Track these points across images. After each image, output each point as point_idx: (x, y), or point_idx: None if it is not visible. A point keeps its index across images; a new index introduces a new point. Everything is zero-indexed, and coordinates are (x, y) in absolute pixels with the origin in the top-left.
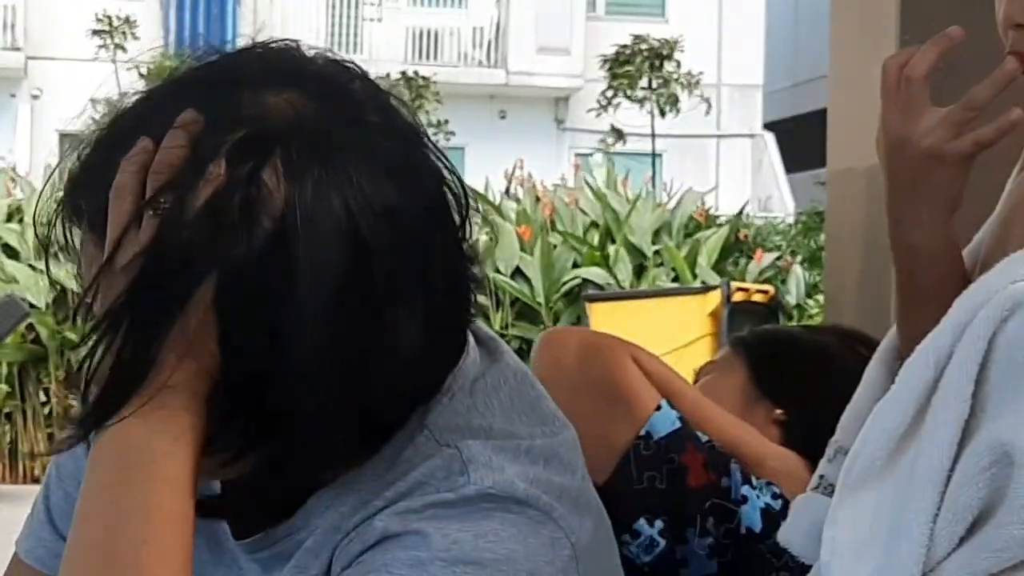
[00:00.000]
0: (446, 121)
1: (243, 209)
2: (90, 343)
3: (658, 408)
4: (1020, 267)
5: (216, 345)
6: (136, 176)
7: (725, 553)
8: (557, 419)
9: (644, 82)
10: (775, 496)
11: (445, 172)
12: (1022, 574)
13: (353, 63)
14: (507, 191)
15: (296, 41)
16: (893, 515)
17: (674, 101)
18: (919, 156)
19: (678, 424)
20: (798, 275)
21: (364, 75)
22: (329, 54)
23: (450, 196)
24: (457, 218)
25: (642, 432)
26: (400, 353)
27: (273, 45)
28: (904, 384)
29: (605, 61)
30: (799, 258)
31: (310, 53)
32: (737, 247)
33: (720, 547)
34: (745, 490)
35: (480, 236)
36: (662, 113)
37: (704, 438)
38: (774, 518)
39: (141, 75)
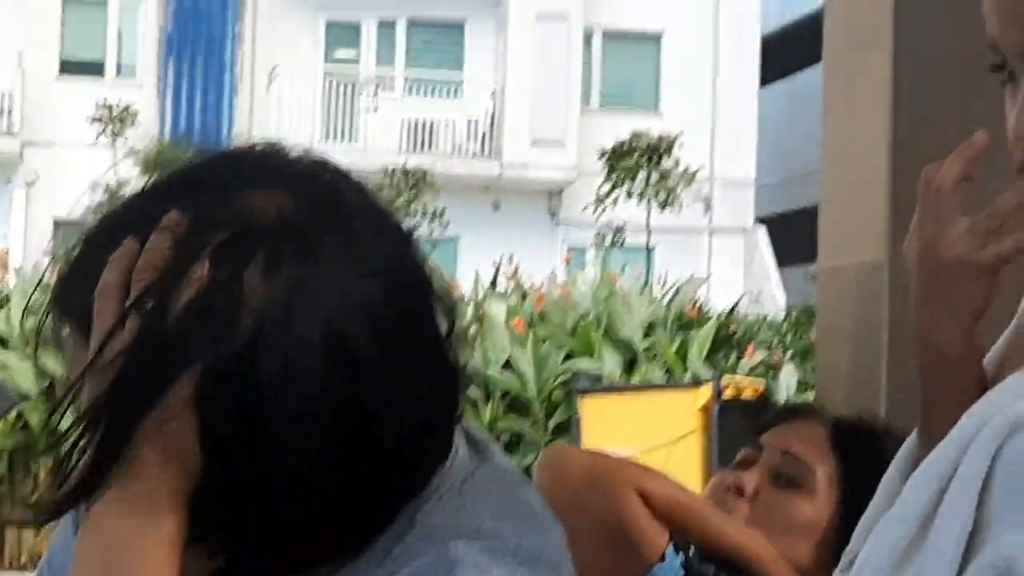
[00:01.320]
0: (443, 211)
1: (225, 310)
2: (73, 438)
3: (662, 559)
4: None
5: (197, 445)
6: (121, 276)
7: None
8: (546, 520)
9: (642, 176)
10: None
11: (431, 271)
12: None
13: (338, 165)
14: (494, 283)
15: (282, 142)
16: None
17: (673, 197)
18: (947, 265)
19: (682, 573)
20: (789, 371)
21: (350, 175)
22: (316, 154)
23: (435, 295)
24: (443, 316)
25: None
26: (385, 452)
27: (259, 146)
28: (909, 497)
29: (603, 155)
30: (790, 354)
31: (296, 153)
32: (728, 342)
33: None
34: None
35: (471, 328)
36: (661, 208)
37: None
38: None
39: (136, 164)
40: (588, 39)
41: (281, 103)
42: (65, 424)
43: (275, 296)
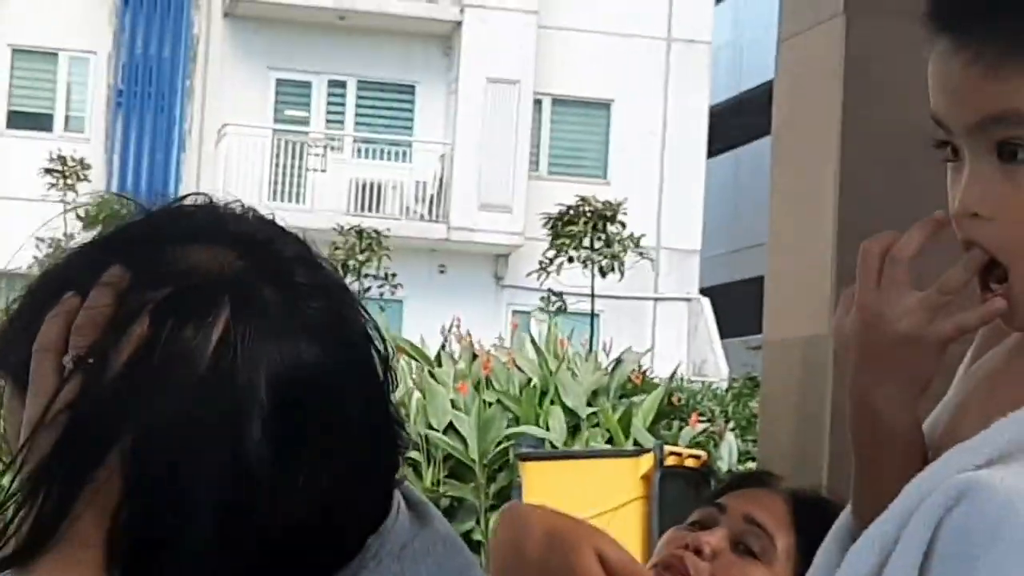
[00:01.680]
0: (394, 275)
1: (163, 367)
2: (13, 497)
3: None
4: (968, 457)
5: (125, 502)
6: (60, 332)
7: None
8: None
9: (587, 242)
10: None
11: (371, 330)
12: None
13: (281, 224)
14: (443, 347)
15: (226, 199)
16: None
17: (619, 263)
18: (896, 337)
19: None
20: (730, 441)
21: (292, 233)
22: (259, 212)
23: (375, 354)
24: (382, 376)
25: None
26: (321, 510)
27: (201, 202)
28: (849, 568)
29: (549, 220)
30: (732, 424)
31: (239, 210)
32: (671, 411)
33: None
34: None
35: (413, 393)
36: (603, 274)
37: None
38: None
39: (80, 218)
40: (538, 105)
41: (229, 161)
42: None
43: (216, 354)
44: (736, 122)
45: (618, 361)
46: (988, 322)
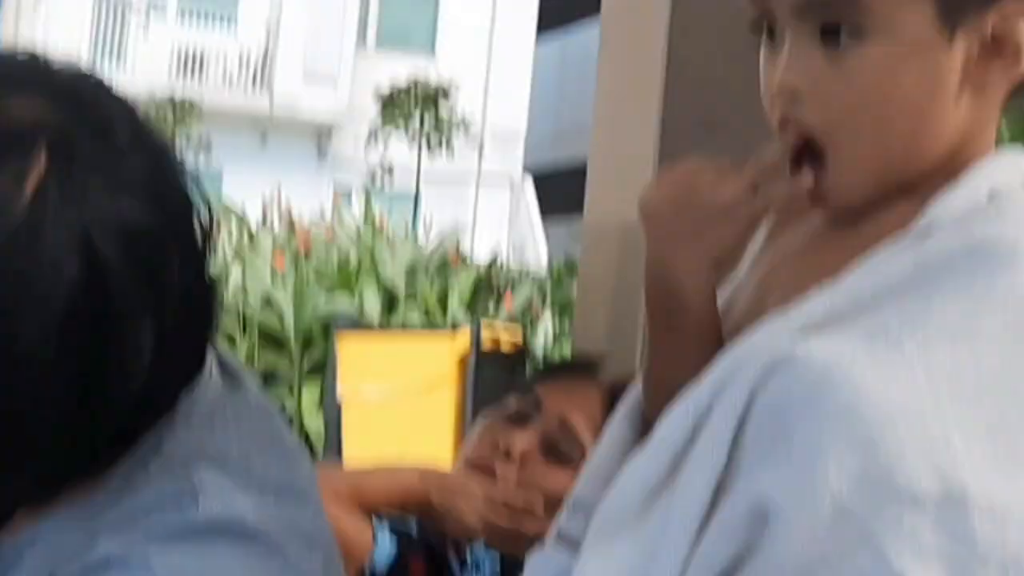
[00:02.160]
0: (208, 143)
1: None
2: None
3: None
4: (785, 326)
5: None
6: None
7: None
8: (295, 453)
9: (417, 122)
10: (498, 561)
11: (193, 194)
12: None
13: (102, 78)
14: (264, 219)
15: (46, 52)
16: (644, 565)
17: (446, 143)
18: (709, 208)
19: (395, 551)
20: (547, 323)
21: (113, 88)
22: (80, 65)
23: (196, 219)
24: (201, 241)
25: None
26: (131, 370)
27: (21, 53)
28: (661, 436)
29: (379, 97)
30: (550, 306)
31: (60, 63)
32: (489, 290)
33: None
34: (467, 572)
35: (232, 264)
36: (429, 148)
37: (420, 542)
38: None
39: None
40: None
41: (49, 19)
42: None
43: (31, 204)
44: (566, 2)
45: (439, 240)
46: (796, 196)
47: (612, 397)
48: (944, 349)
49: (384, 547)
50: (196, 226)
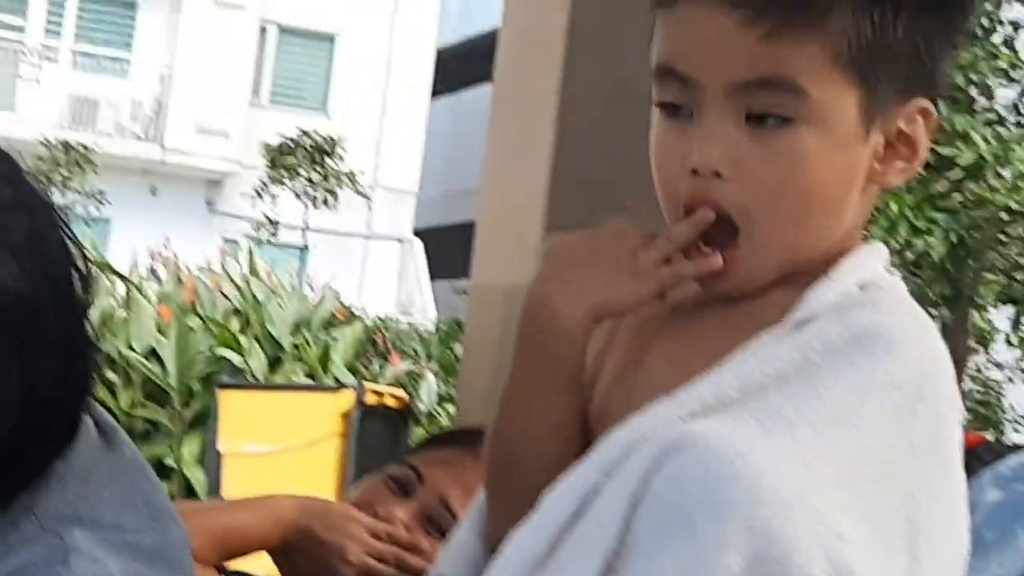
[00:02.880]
0: (102, 192)
1: None
2: None
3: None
4: (674, 409)
5: None
6: None
7: None
8: (169, 516)
9: (304, 175)
10: None
11: (74, 250)
12: None
13: None
14: (151, 269)
15: None
16: None
17: (334, 198)
18: (614, 263)
19: None
20: (431, 382)
21: (2, 150)
22: None
23: (76, 277)
24: (82, 298)
25: None
26: (6, 433)
27: None
28: (546, 514)
29: (269, 150)
30: (435, 366)
31: None
32: (375, 349)
33: None
34: None
35: (116, 313)
36: (315, 206)
37: None
38: None
39: None
40: (263, 32)
41: None
42: None
43: None
44: (462, 65)
45: (322, 295)
46: (701, 275)
47: None
48: (831, 434)
49: None
50: (76, 286)
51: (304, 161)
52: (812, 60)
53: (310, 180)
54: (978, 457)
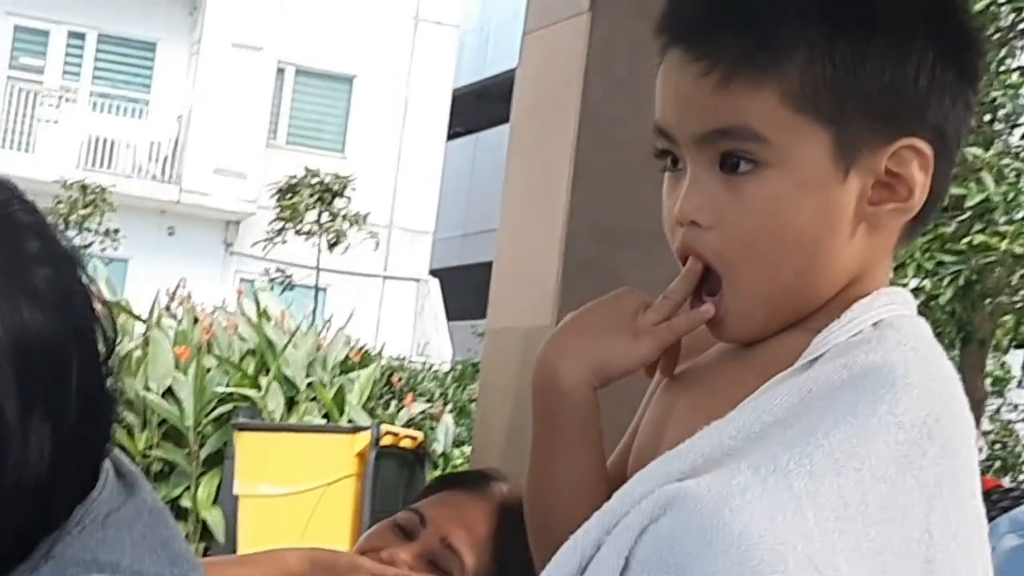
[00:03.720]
0: (116, 231)
1: None
2: None
3: None
4: (674, 465)
5: None
6: None
7: None
8: (188, 561)
9: (313, 215)
10: None
11: (96, 297)
12: None
13: (9, 181)
14: (167, 309)
15: None
16: None
17: (341, 237)
18: (618, 325)
19: None
20: (447, 424)
21: (21, 192)
22: None
23: (97, 326)
24: (103, 347)
25: None
26: (25, 481)
27: None
28: (554, 569)
29: (276, 191)
30: (451, 407)
31: None
32: (390, 390)
33: None
34: None
35: (134, 354)
36: (329, 247)
37: None
38: None
39: None
40: (281, 74)
41: None
42: None
43: None
44: (477, 107)
45: (338, 335)
46: (696, 327)
47: (502, 515)
48: (831, 481)
49: None
50: (99, 336)
51: (312, 201)
52: (766, 105)
53: (318, 221)
54: (994, 502)
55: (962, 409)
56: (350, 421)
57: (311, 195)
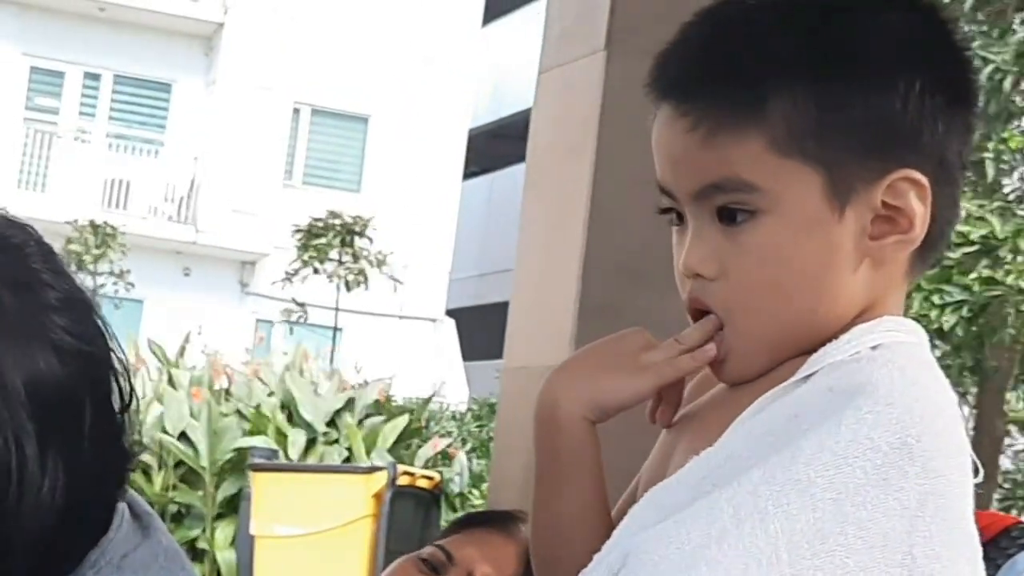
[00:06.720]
0: (128, 271)
1: None
2: None
3: None
4: (651, 513)
5: None
6: None
7: None
8: None
9: (334, 255)
10: None
11: (111, 342)
12: None
13: (29, 227)
14: (182, 352)
15: None
16: None
17: (363, 278)
18: (630, 362)
19: None
20: (463, 463)
21: (39, 238)
22: (11, 214)
23: (113, 370)
24: (116, 389)
25: None
26: (39, 524)
27: None
28: None
29: (297, 231)
30: (468, 446)
31: None
32: (415, 432)
33: None
34: None
35: (151, 395)
36: (348, 288)
37: None
38: None
39: None
40: (296, 114)
41: None
42: None
43: None
44: (493, 146)
45: (365, 383)
46: (699, 367)
47: (528, 555)
48: (807, 517)
49: None
50: (113, 378)
51: (334, 242)
52: (752, 153)
53: (340, 261)
54: (1014, 539)
55: (947, 429)
56: (370, 462)
57: (334, 235)
